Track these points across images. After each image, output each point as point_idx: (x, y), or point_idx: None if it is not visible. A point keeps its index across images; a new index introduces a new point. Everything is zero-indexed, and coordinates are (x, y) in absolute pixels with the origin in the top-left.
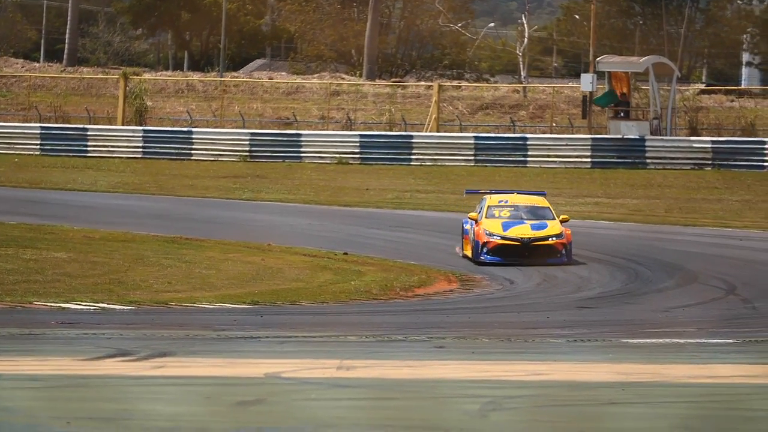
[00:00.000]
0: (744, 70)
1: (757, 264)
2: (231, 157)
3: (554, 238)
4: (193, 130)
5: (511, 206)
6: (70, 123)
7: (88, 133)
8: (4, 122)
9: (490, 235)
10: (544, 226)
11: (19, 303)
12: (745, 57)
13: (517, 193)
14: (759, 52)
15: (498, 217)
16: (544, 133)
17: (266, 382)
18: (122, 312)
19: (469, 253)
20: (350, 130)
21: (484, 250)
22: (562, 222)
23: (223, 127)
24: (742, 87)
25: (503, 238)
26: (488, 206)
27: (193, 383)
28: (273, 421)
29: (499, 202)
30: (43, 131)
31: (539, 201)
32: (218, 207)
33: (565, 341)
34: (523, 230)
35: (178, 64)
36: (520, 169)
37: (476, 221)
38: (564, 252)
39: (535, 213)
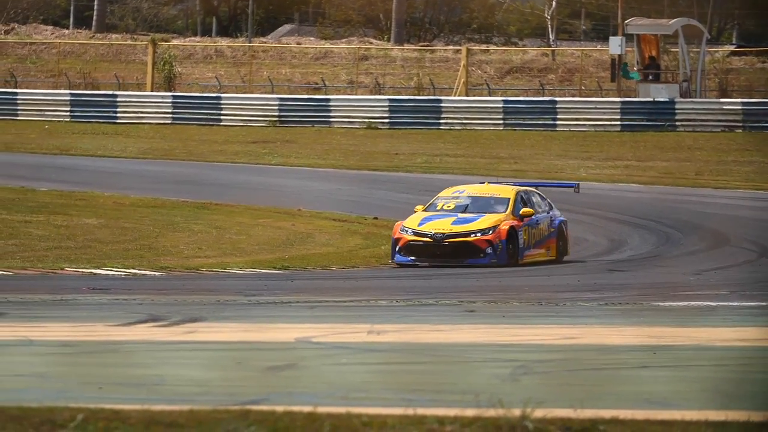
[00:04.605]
0: None
1: None
2: (260, 122)
3: (477, 234)
4: (222, 95)
5: (464, 197)
6: (99, 89)
7: (118, 99)
8: (34, 89)
9: (404, 230)
10: (472, 220)
11: (51, 269)
12: None
13: (492, 183)
14: None
15: (437, 210)
16: (573, 96)
17: (297, 346)
18: (153, 278)
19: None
20: (379, 95)
21: (396, 248)
22: (523, 216)
23: (252, 93)
24: None
25: (415, 233)
26: (437, 197)
27: (224, 348)
28: (303, 385)
29: (453, 193)
30: (72, 98)
31: (501, 191)
32: (248, 172)
33: (596, 304)
34: (441, 224)
35: (207, 29)
36: (549, 133)
37: None
38: (490, 251)
39: (483, 205)
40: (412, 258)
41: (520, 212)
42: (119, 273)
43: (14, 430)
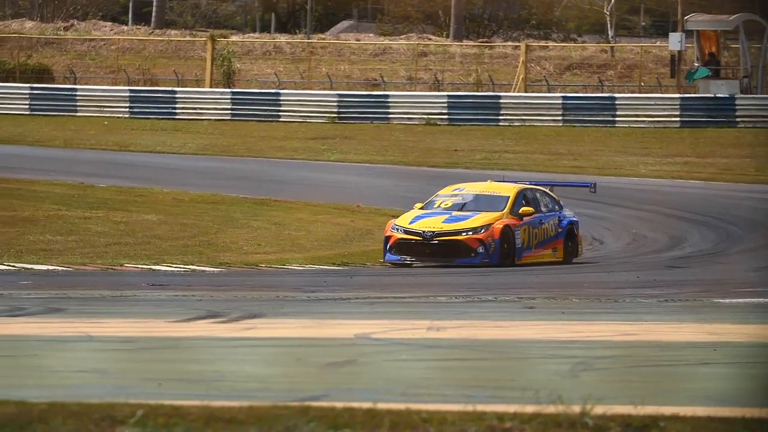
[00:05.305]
0: None
1: None
2: (319, 118)
3: (468, 233)
4: (281, 92)
5: (463, 195)
6: (158, 86)
7: (177, 95)
8: (94, 85)
9: (395, 228)
10: (464, 219)
11: (110, 265)
12: None
13: (496, 182)
14: None
15: (434, 208)
16: (632, 92)
17: (356, 343)
18: (212, 274)
19: None
20: (438, 91)
21: (387, 246)
22: (522, 215)
23: (311, 89)
24: None
25: (406, 231)
26: (436, 195)
27: (283, 344)
28: (363, 382)
29: (453, 190)
30: (131, 94)
31: (502, 189)
32: (307, 169)
33: (655, 301)
34: (432, 222)
35: (265, 26)
36: (608, 129)
37: None
38: (482, 251)
39: (482, 203)
40: (402, 257)
41: (520, 211)
42: (178, 269)
43: (74, 426)
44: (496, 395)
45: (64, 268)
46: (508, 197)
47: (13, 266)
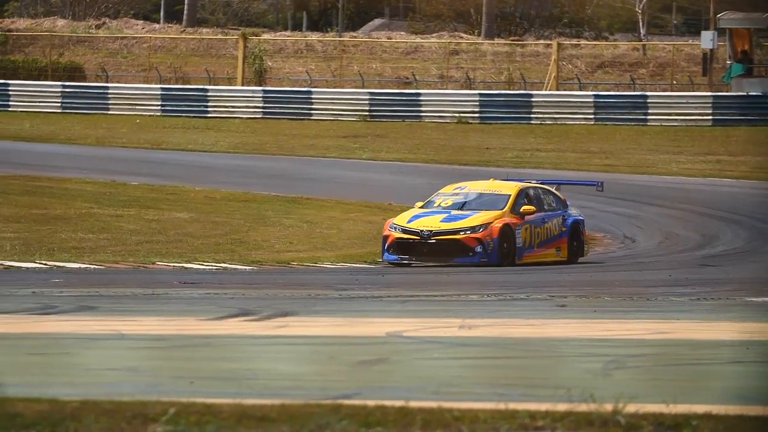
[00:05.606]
0: None
1: None
2: (351, 116)
3: (467, 232)
4: (313, 90)
5: (464, 193)
6: (190, 84)
7: (209, 93)
8: (126, 83)
9: (393, 228)
10: (462, 218)
11: (142, 263)
12: None
13: (501, 180)
14: None
15: (433, 207)
16: (664, 91)
17: (388, 341)
18: (244, 272)
19: None
20: (469, 89)
21: (385, 246)
22: (524, 214)
23: (343, 87)
24: None
25: (403, 231)
26: (437, 194)
27: (315, 343)
28: (395, 380)
29: (454, 189)
30: (163, 92)
31: (503, 188)
32: (339, 167)
33: (687, 300)
34: (430, 222)
35: (297, 24)
36: (640, 128)
37: None
38: (480, 250)
39: (482, 202)
40: (399, 256)
41: (521, 210)
42: (210, 267)
43: (107, 424)
44: (528, 393)
45: (96, 266)
46: (509, 196)
47: (45, 264)
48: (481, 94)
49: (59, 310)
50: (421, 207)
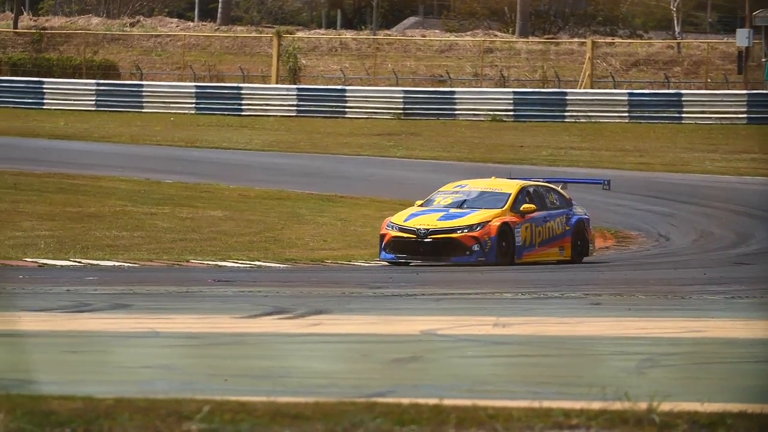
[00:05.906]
0: None
1: None
2: (385, 114)
3: (464, 231)
4: (347, 88)
5: (464, 192)
6: (224, 82)
7: (243, 91)
8: (160, 81)
9: (390, 226)
10: (460, 216)
11: (176, 261)
12: None
13: (500, 179)
14: None
15: (432, 206)
16: (699, 89)
17: (422, 339)
18: (278, 270)
19: None
20: (504, 87)
21: (382, 245)
22: (524, 212)
23: (377, 85)
24: None
25: (400, 229)
26: (437, 192)
27: (349, 341)
28: (429, 378)
29: (455, 187)
30: (198, 90)
31: (503, 186)
32: (373, 165)
33: (722, 298)
34: (427, 220)
35: (331, 22)
36: (674, 126)
37: None
38: (477, 249)
39: (482, 201)
40: (396, 255)
41: (521, 208)
42: (244, 265)
43: (141, 422)
44: (563, 392)
45: (130, 264)
46: (509, 194)
47: (80, 262)
48: (515, 93)
49: (93, 308)
50: (421, 205)
